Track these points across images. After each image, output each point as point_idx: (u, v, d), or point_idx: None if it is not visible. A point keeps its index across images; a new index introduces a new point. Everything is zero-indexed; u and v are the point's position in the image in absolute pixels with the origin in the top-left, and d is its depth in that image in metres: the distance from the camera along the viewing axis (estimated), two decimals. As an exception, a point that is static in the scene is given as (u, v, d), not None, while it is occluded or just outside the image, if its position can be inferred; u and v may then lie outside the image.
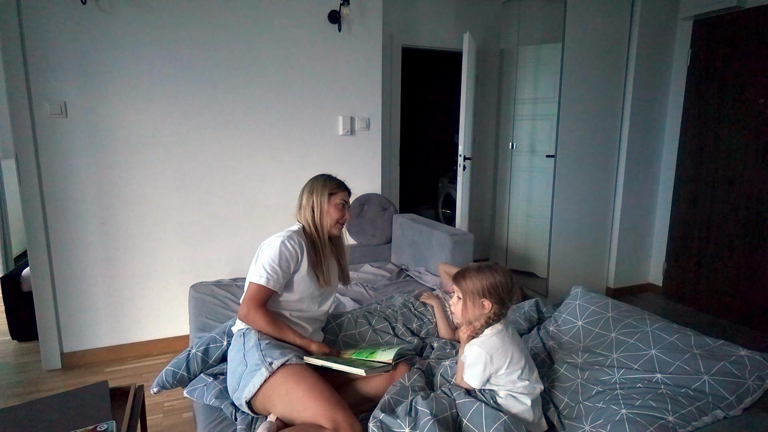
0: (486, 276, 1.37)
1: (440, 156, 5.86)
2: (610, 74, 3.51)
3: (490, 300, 1.36)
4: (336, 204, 1.71)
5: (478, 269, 1.40)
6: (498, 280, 1.37)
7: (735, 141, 3.23)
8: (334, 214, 1.71)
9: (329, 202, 1.70)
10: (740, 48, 3.16)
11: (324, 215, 1.70)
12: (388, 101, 3.82)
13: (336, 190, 1.72)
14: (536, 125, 3.94)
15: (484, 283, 1.36)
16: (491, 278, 1.37)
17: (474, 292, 1.38)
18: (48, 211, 2.48)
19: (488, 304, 1.36)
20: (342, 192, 1.74)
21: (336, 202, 1.71)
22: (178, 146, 2.69)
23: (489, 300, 1.36)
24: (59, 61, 2.40)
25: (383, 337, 1.84)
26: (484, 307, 1.37)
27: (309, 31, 2.88)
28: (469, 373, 1.37)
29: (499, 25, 4.20)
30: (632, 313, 1.71)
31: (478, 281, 1.37)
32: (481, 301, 1.37)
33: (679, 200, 3.62)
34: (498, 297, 1.36)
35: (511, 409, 1.34)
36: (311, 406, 1.32)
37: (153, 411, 2.19)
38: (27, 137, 2.38)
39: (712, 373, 1.39)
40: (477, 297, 1.37)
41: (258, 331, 1.56)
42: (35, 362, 2.65)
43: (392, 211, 3.18)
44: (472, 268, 1.42)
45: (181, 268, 2.78)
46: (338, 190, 1.73)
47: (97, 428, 1.40)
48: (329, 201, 1.70)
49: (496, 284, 1.36)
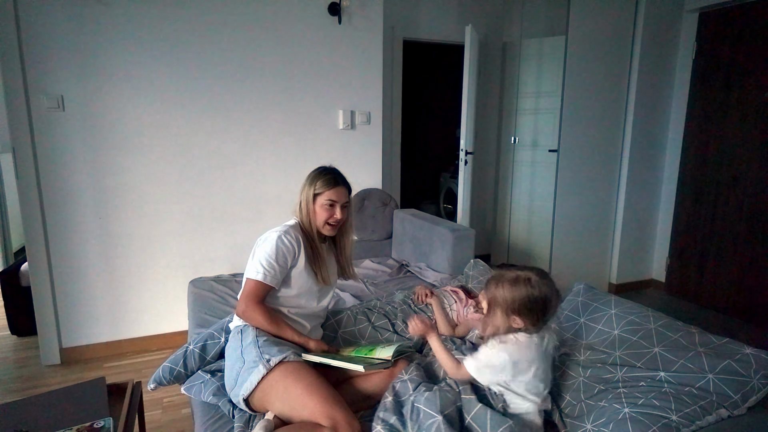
0: (520, 290, 1.22)
1: (442, 151, 5.82)
2: (613, 67, 3.47)
3: (521, 318, 1.24)
4: (322, 204, 1.61)
5: (514, 281, 1.24)
6: (535, 297, 1.21)
7: (740, 136, 3.19)
8: (321, 215, 1.62)
9: (314, 202, 1.62)
10: (746, 41, 3.12)
11: (310, 215, 1.63)
12: (389, 95, 3.78)
13: (323, 189, 1.61)
14: (539, 119, 3.90)
15: (517, 298, 1.22)
16: (526, 293, 1.22)
17: (504, 305, 1.24)
18: (46, 206, 2.46)
19: (520, 322, 1.24)
20: (329, 191, 1.61)
21: (322, 203, 1.61)
22: (176, 140, 2.67)
23: (520, 318, 1.24)
24: (56, 55, 2.37)
25: (383, 333, 1.82)
26: (515, 322, 1.26)
27: (309, 23, 2.85)
28: (481, 368, 1.28)
29: (502, 17, 4.15)
30: (635, 310, 1.68)
31: (509, 294, 1.22)
32: (512, 318, 1.25)
33: (683, 195, 3.59)
34: (532, 316, 1.24)
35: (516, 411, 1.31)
36: (309, 404, 1.31)
37: (152, 407, 2.18)
38: (24, 131, 2.36)
39: (716, 372, 1.36)
40: (508, 311, 1.24)
41: (256, 327, 1.54)
42: (34, 357, 2.65)
43: (393, 207, 3.15)
44: (507, 277, 1.27)
45: (180, 263, 2.77)
46: (325, 188, 1.61)
47: (94, 425, 1.39)
48: (315, 201, 1.62)
49: (532, 301, 1.22)
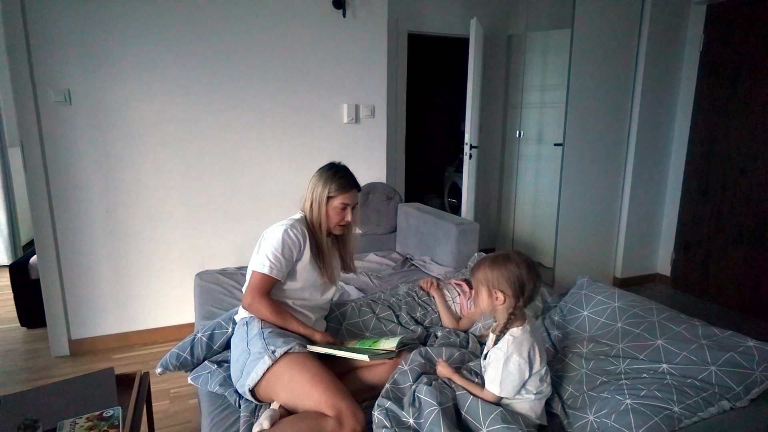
0: (499, 267, 1.32)
1: (446, 144, 5.81)
2: (620, 60, 3.44)
3: (502, 293, 1.32)
4: (335, 207, 1.62)
5: (493, 259, 1.35)
6: (512, 271, 1.30)
7: (747, 130, 3.16)
8: (333, 218, 1.64)
9: (327, 205, 1.63)
10: (755, 34, 3.08)
11: (322, 216, 1.63)
12: (394, 89, 3.78)
13: (336, 193, 1.61)
14: (544, 113, 3.88)
15: (496, 273, 1.32)
16: (505, 269, 1.31)
17: (486, 282, 1.33)
18: (54, 200, 2.49)
19: (501, 296, 1.32)
20: (343, 195, 1.62)
21: (335, 205, 1.62)
22: (182, 134, 2.68)
23: (502, 293, 1.32)
24: (63, 48, 2.39)
25: (387, 325, 1.83)
26: (498, 299, 1.33)
27: (313, 16, 2.85)
28: (502, 382, 1.29)
29: (507, 10, 4.13)
30: (639, 303, 1.69)
31: (490, 272, 1.32)
32: (494, 293, 1.33)
33: (689, 189, 3.57)
34: (513, 289, 1.31)
35: (516, 408, 1.32)
36: (314, 394, 1.32)
37: (159, 397, 2.21)
38: (31, 125, 2.38)
39: (719, 364, 1.37)
40: (490, 288, 1.33)
41: (261, 319, 1.56)
42: (44, 349, 2.69)
43: (397, 201, 3.16)
44: (488, 258, 1.37)
45: (187, 257, 2.79)
46: (339, 193, 1.61)
47: (103, 414, 1.41)
48: (327, 204, 1.62)
49: (510, 275, 1.30)
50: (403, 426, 1.26)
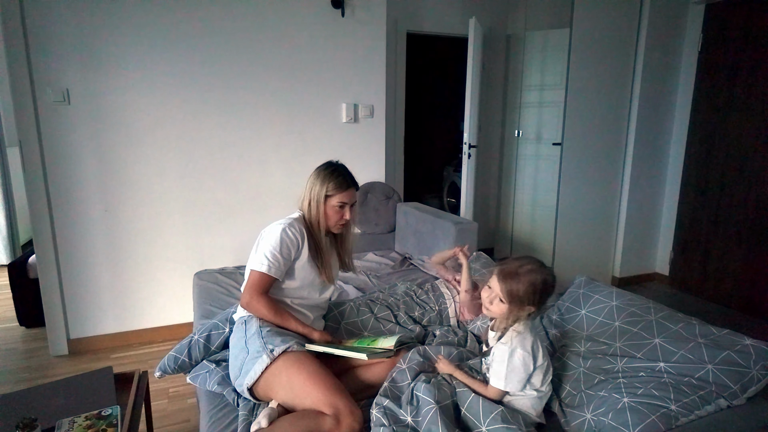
0: (536, 279, 1.28)
1: (445, 144, 5.82)
2: (618, 60, 3.45)
3: (536, 305, 1.30)
4: (333, 206, 1.62)
5: (529, 272, 1.29)
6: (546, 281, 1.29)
7: (746, 129, 3.17)
8: (332, 216, 1.63)
9: (326, 203, 1.62)
10: (753, 34, 3.09)
11: (320, 215, 1.63)
12: (393, 88, 3.78)
13: (334, 191, 1.61)
14: (543, 112, 3.89)
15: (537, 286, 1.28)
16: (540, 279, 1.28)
17: (526, 296, 1.29)
18: (52, 199, 2.49)
19: (533, 309, 1.31)
20: (341, 193, 1.61)
21: (333, 204, 1.62)
22: (181, 133, 2.68)
23: (535, 306, 1.30)
24: (61, 48, 2.38)
25: (385, 325, 1.83)
26: (530, 310, 1.31)
27: (312, 16, 2.85)
28: (507, 376, 1.30)
29: (506, 9, 4.13)
30: (636, 302, 1.69)
31: (530, 285, 1.28)
32: (528, 307, 1.30)
33: (688, 188, 3.57)
34: (543, 298, 1.30)
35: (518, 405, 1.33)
36: (312, 393, 1.33)
37: (158, 397, 2.21)
38: (30, 124, 2.38)
39: (716, 363, 1.37)
40: (527, 301, 1.29)
41: (260, 318, 1.56)
42: (42, 348, 2.69)
43: (396, 200, 3.16)
44: (522, 271, 1.30)
45: (185, 256, 2.79)
46: (337, 191, 1.61)
47: (102, 413, 1.41)
48: (326, 202, 1.62)
49: (545, 284, 1.29)
50: (401, 424, 1.26)
